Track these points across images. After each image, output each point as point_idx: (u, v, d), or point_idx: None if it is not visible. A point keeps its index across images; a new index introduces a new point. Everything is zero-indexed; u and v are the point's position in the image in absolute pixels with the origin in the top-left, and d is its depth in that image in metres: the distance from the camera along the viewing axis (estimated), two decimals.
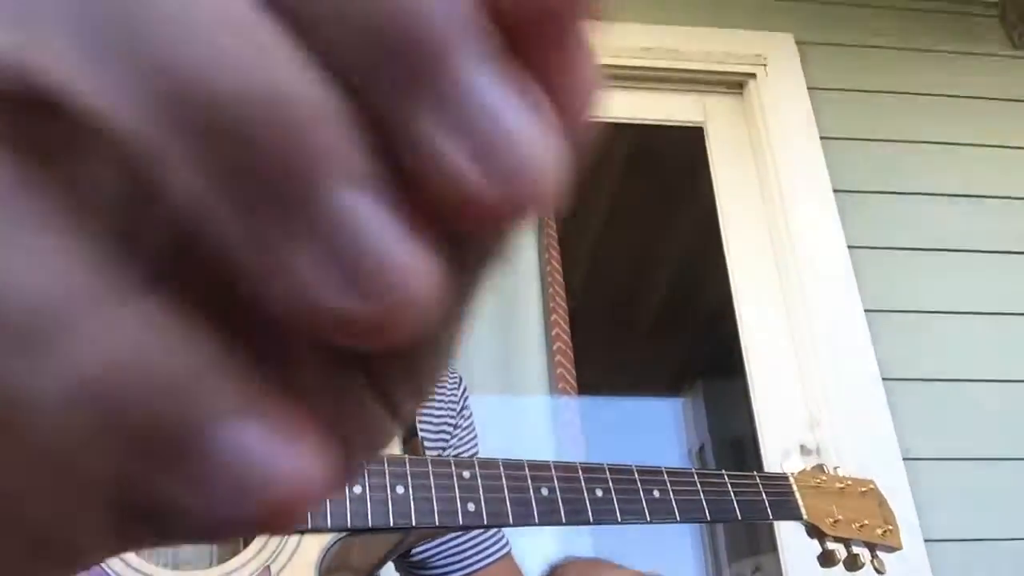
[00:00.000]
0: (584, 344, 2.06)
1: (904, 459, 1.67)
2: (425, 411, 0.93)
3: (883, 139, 2.07)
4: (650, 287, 3.55)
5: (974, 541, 1.64)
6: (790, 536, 1.66)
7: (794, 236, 1.90)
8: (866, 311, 1.82)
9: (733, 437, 3.05)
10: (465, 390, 1.04)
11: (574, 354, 2.01)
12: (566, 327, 2.02)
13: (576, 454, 1.89)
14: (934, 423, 1.74)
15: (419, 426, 0.88)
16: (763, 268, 1.95)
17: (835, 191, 1.96)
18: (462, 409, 1.02)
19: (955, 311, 1.88)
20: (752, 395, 1.82)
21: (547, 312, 2.02)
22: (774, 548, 1.70)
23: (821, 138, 2.02)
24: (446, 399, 0.99)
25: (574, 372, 1.97)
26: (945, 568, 1.58)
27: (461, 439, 0.97)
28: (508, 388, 1.93)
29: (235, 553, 0.59)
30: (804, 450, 1.72)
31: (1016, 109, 2.16)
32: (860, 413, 1.71)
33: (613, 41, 2.11)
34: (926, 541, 1.60)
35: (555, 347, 1.99)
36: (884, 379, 1.75)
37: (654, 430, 3.80)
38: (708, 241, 2.05)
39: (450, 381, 1.02)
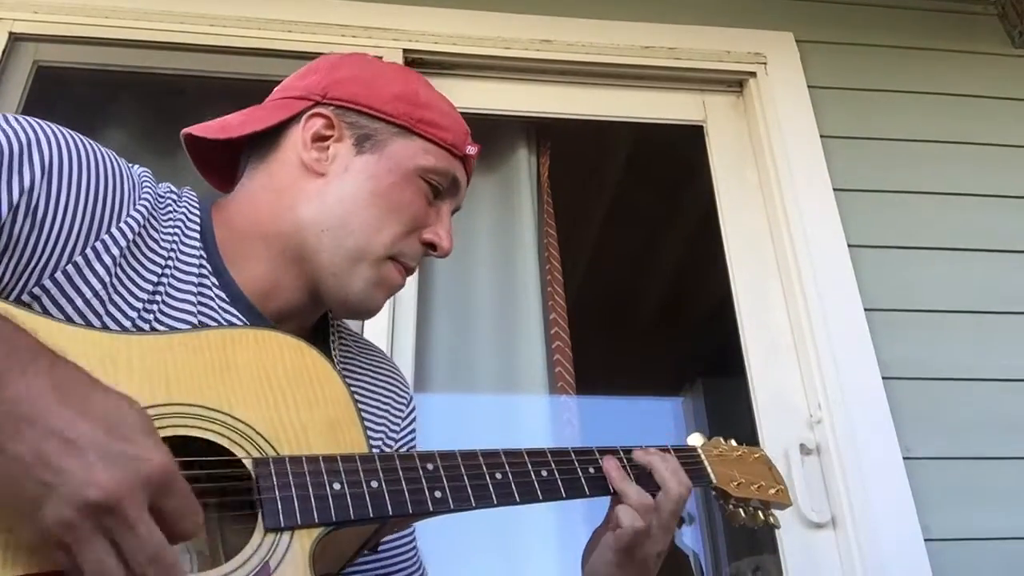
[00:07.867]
0: (584, 344, 2.06)
1: (904, 459, 1.67)
2: (367, 414, 0.93)
3: (883, 139, 2.07)
4: (650, 286, 3.55)
5: (974, 541, 1.64)
6: (790, 536, 1.66)
7: (794, 236, 1.90)
8: (866, 311, 1.82)
9: (733, 437, 3.04)
10: (413, 411, 1.02)
11: (573, 353, 2.01)
12: (565, 326, 2.02)
13: None
14: (934, 423, 1.74)
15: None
16: (763, 268, 1.95)
17: (835, 191, 1.95)
18: (405, 432, 1.00)
19: (955, 311, 1.87)
20: (752, 395, 1.81)
21: (547, 312, 2.02)
22: (774, 548, 1.70)
23: (821, 137, 2.02)
24: (390, 414, 0.98)
25: (573, 372, 1.97)
26: (945, 568, 1.58)
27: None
28: (507, 387, 1.92)
29: (214, 564, 0.65)
30: (804, 449, 1.72)
31: (1016, 109, 2.16)
32: (860, 413, 1.71)
33: (613, 40, 2.11)
34: (926, 541, 1.60)
35: (554, 346, 1.99)
36: (884, 379, 1.75)
37: (654, 430, 3.79)
38: (708, 241, 2.05)
39: (398, 399, 1.00)
